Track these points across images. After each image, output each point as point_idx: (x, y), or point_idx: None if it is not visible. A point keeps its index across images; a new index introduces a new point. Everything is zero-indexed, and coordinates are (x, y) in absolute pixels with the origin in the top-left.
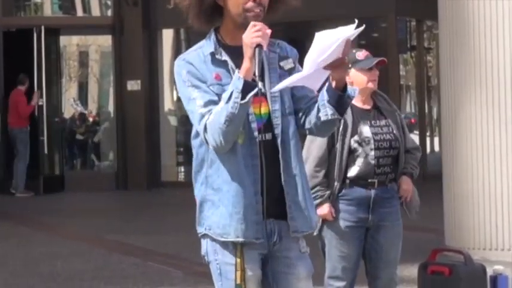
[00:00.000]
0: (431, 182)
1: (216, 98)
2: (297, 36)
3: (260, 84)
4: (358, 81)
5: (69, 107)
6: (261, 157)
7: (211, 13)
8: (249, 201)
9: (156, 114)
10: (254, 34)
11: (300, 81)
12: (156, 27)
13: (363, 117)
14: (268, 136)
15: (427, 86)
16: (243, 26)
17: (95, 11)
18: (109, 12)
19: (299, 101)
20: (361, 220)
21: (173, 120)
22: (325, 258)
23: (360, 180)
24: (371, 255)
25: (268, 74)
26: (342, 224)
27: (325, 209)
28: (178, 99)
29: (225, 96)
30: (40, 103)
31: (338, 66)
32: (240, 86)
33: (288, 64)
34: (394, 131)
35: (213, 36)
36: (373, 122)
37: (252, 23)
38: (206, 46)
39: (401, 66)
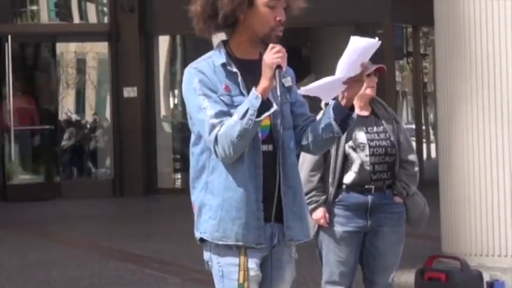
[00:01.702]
0: (428, 188)
1: (226, 108)
2: (293, 43)
3: (275, 105)
4: None
5: (65, 114)
6: (263, 166)
7: (227, 25)
8: (251, 207)
9: (152, 121)
10: (275, 56)
11: (319, 89)
12: (153, 34)
13: (359, 123)
14: (270, 148)
15: (423, 92)
16: (261, 43)
17: (92, 18)
18: (105, 19)
19: (297, 118)
20: (359, 225)
21: (169, 127)
22: (322, 263)
23: (356, 186)
24: (368, 261)
25: (271, 90)
26: (340, 229)
27: (319, 214)
28: (175, 106)
29: (239, 111)
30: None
31: (356, 81)
32: (257, 105)
33: (287, 82)
34: (391, 138)
35: (223, 49)
36: (369, 128)
37: (271, 45)
38: (216, 57)
39: (397, 73)
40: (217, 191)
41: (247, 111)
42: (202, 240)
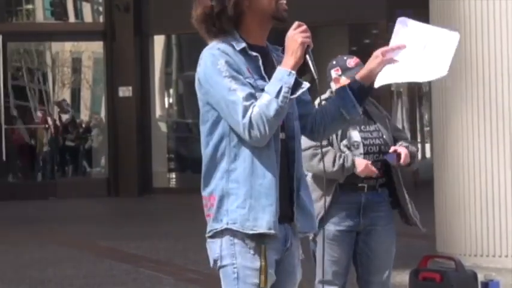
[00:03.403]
0: (423, 188)
1: (253, 90)
2: None
3: (315, 75)
4: None
5: (62, 111)
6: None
7: (237, 15)
8: (277, 195)
9: (147, 121)
10: (304, 34)
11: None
12: (148, 33)
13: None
14: (283, 136)
15: (418, 92)
16: (269, 22)
17: (87, 17)
18: (101, 18)
19: (305, 106)
20: (352, 224)
21: (164, 127)
22: (315, 263)
23: (349, 185)
24: (362, 260)
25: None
26: (332, 228)
27: (362, 163)
28: (170, 105)
29: (271, 90)
30: None
31: (386, 60)
32: (292, 82)
33: None
34: (384, 136)
35: (237, 35)
36: (362, 127)
37: (296, 22)
38: (234, 41)
39: None
40: (243, 178)
41: (281, 89)
42: (212, 236)
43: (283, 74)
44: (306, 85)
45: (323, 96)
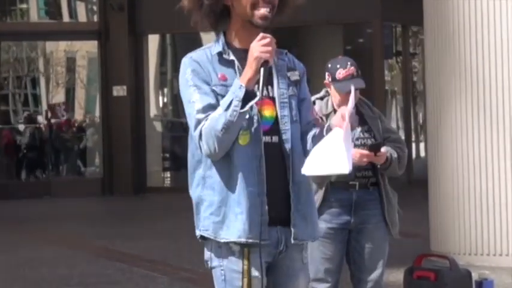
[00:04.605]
0: (417, 187)
1: (215, 101)
2: (282, 43)
3: (258, 94)
4: (336, 98)
5: (55, 116)
6: (266, 159)
7: (215, 13)
8: (253, 202)
9: (141, 120)
10: (263, 49)
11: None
12: (142, 33)
13: None
14: (275, 139)
15: (413, 92)
16: (251, 26)
17: (81, 17)
18: (95, 18)
19: (301, 119)
20: (343, 222)
21: (159, 126)
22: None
23: (341, 183)
24: (355, 258)
25: (277, 80)
26: (324, 225)
27: (355, 155)
28: (165, 105)
29: (223, 103)
30: None
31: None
32: (241, 95)
33: (294, 76)
34: (376, 136)
35: (221, 38)
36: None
37: (261, 34)
38: (214, 47)
39: (386, 72)
40: (219, 186)
41: (231, 102)
42: (203, 238)
43: (236, 87)
44: (255, 99)
45: (318, 95)
